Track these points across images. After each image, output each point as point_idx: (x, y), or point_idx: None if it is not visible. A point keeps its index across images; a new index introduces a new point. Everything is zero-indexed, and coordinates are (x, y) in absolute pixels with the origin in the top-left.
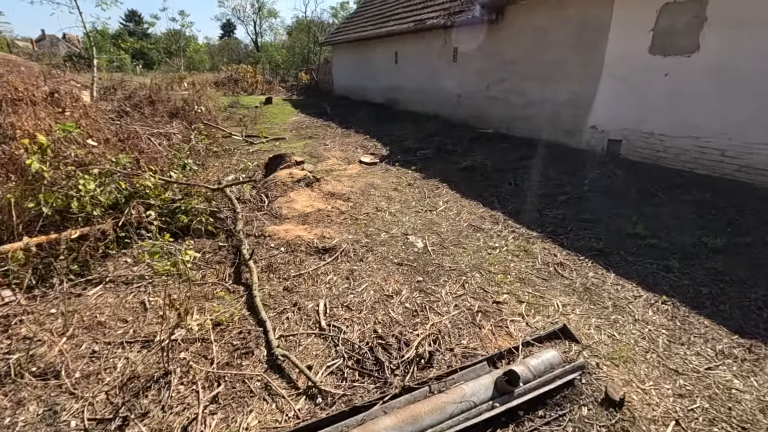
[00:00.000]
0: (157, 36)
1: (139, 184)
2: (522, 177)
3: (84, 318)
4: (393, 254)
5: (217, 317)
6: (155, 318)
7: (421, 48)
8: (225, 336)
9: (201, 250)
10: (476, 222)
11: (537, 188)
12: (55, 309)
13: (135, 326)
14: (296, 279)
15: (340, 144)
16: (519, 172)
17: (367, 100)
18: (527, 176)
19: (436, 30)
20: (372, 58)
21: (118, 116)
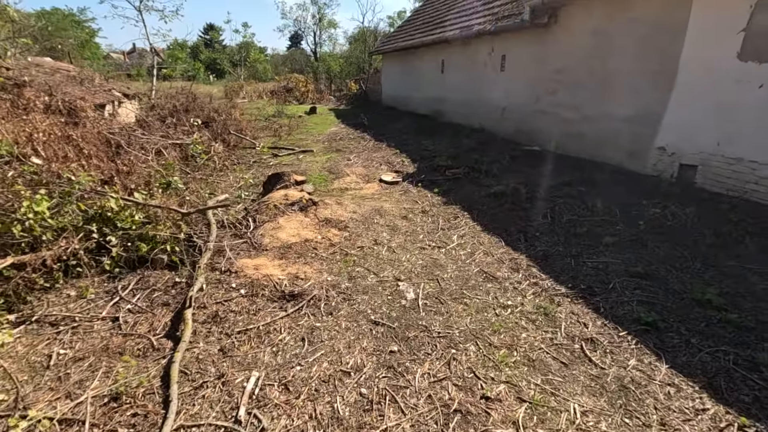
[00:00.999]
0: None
1: (98, 206)
2: (562, 208)
3: None
4: (373, 307)
5: (117, 388)
6: (49, 381)
7: (468, 56)
8: (114, 417)
9: (152, 286)
10: (491, 267)
11: (578, 224)
12: None
13: (19, 391)
14: (240, 336)
15: (366, 159)
16: (560, 201)
17: (412, 110)
18: (569, 207)
19: (483, 37)
20: (418, 67)
21: (139, 126)
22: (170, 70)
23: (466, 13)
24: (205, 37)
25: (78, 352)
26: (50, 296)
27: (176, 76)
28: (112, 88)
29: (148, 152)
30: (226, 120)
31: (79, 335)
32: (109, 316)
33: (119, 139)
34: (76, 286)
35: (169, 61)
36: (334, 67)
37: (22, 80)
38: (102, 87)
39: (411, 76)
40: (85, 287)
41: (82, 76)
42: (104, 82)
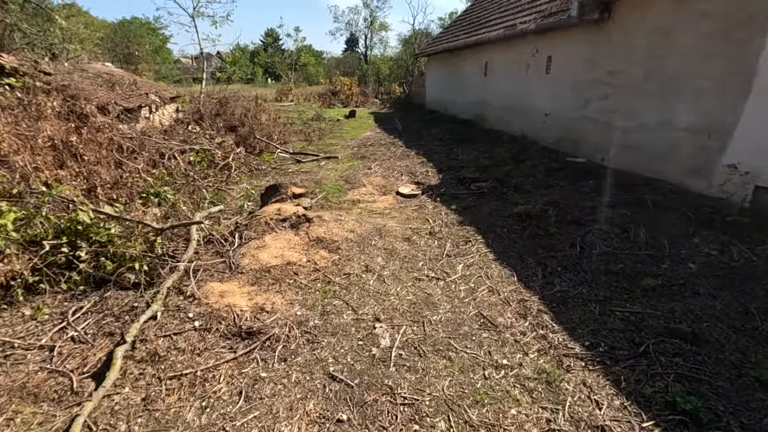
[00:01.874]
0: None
1: (67, 219)
2: (597, 237)
3: None
4: (337, 355)
5: None
6: None
7: (511, 58)
8: None
9: (108, 310)
10: (493, 310)
11: (613, 259)
12: None
13: None
14: (172, 383)
15: (388, 168)
16: (595, 227)
17: (454, 115)
18: (606, 236)
19: (527, 37)
20: (462, 69)
21: (163, 131)
22: (223, 74)
23: (511, 11)
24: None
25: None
26: (4, 315)
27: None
28: (149, 92)
29: (161, 158)
30: (252, 124)
31: (4, 367)
32: (48, 344)
33: (130, 145)
34: (34, 306)
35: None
36: (384, 70)
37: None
38: (138, 91)
39: (454, 79)
40: (37, 307)
41: (115, 80)
42: (138, 86)
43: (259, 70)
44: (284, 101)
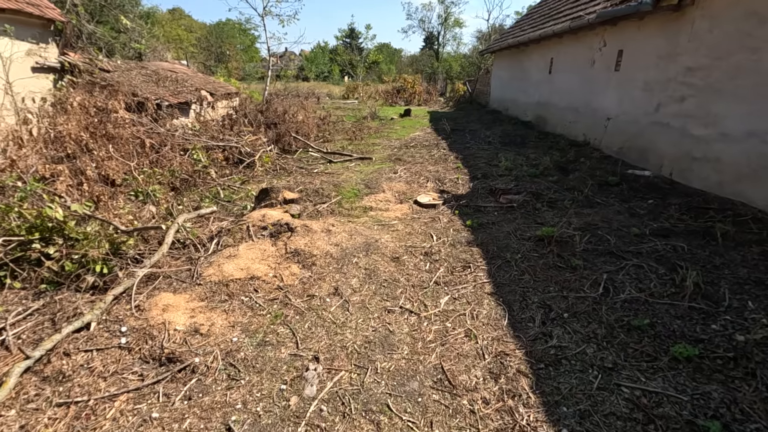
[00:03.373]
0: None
1: (34, 215)
2: (631, 276)
3: None
4: (248, 400)
5: None
6: None
7: (577, 53)
8: None
9: (55, 313)
10: (459, 362)
11: (643, 309)
12: None
13: None
14: (58, 411)
15: (415, 173)
16: (632, 263)
17: (515, 116)
18: (642, 277)
19: (596, 28)
20: (526, 67)
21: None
22: (291, 72)
23: (583, 1)
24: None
25: None
26: None
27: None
28: (201, 89)
29: (183, 153)
30: (289, 122)
31: None
32: None
33: (152, 141)
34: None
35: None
36: (455, 68)
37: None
38: (188, 87)
39: (518, 77)
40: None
41: (176, 76)
42: (192, 83)
43: (336, 67)
44: (350, 99)
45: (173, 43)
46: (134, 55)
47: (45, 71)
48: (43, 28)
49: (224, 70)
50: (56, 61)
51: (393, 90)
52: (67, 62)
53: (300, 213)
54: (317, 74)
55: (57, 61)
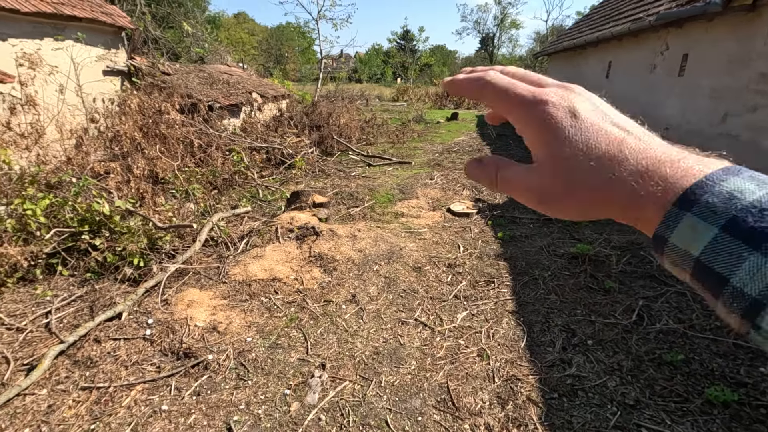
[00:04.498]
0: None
1: (84, 209)
2: (671, 304)
3: None
4: (252, 401)
5: None
6: None
7: (636, 56)
8: None
9: (93, 301)
10: (467, 383)
11: (679, 343)
12: None
13: None
14: (82, 394)
15: (452, 179)
16: (672, 291)
17: None
18: (685, 306)
19: (659, 30)
20: (582, 70)
21: (242, 129)
22: (343, 74)
23: (646, 1)
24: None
25: None
26: (23, 290)
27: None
28: (252, 91)
29: (228, 153)
30: (332, 125)
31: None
32: (26, 327)
33: (200, 142)
34: (38, 287)
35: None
36: None
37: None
38: (240, 89)
39: (574, 80)
40: (42, 290)
41: (231, 79)
42: (244, 86)
43: (388, 69)
44: (399, 101)
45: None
46: (197, 58)
47: (114, 74)
48: (114, 34)
49: (280, 72)
50: (124, 65)
51: (443, 93)
52: (133, 66)
53: (327, 217)
54: (370, 76)
55: (125, 65)
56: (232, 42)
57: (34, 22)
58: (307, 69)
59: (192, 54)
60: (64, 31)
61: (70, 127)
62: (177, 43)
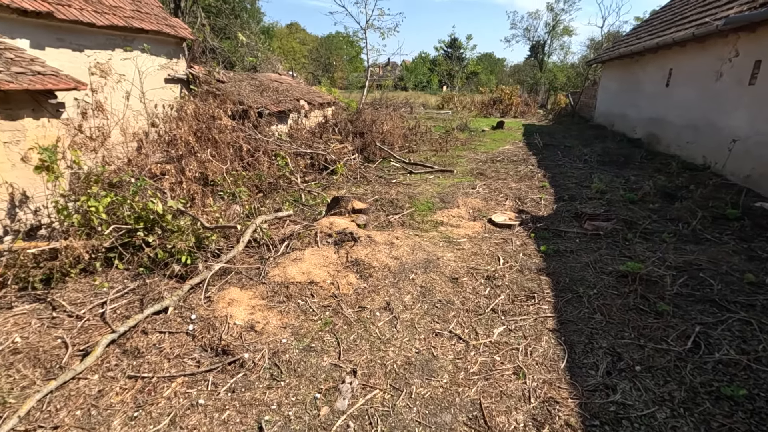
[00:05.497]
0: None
1: (141, 207)
2: (733, 333)
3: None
4: (283, 402)
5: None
6: None
7: (701, 63)
8: None
9: (144, 294)
10: (501, 402)
11: (742, 377)
12: None
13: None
14: (128, 382)
15: (495, 189)
16: (734, 318)
17: (622, 132)
18: (750, 335)
19: (726, 36)
20: (640, 78)
21: (288, 135)
22: (385, 82)
23: (714, 4)
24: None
25: (23, 345)
26: (84, 281)
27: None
28: (300, 98)
29: (275, 158)
30: (375, 132)
31: (42, 327)
32: (83, 316)
33: (248, 147)
34: (96, 278)
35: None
36: (560, 78)
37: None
38: (289, 96)
39: (629, 89)
40: (100, 282)
41: (280, 87)
42: (292, 93)
43: (434, 77)
44: (444, 109)
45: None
46: (250, 67)
47: (174, 82)
48: (176, 45)
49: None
50: (183, 74)
51: (489, 101)
52: (191, 74)
53: (366, 223)
54: (416, 84)
55: (184, 73)
56: (284, 51)
57: (108, 34)
58: (354, 77)
59: (246, 63)
60: (133, 42)
61: (132, 130)
62: (232, 53)
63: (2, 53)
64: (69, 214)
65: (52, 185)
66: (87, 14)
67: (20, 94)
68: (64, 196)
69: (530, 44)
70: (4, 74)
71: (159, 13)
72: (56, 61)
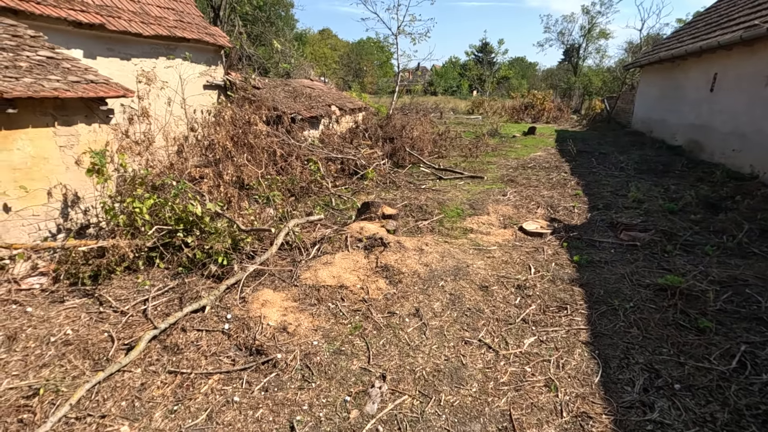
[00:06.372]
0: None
1: (180, 209)
2: None
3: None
4: (314, 404)
5: (39, 385)
6: None
7: (749, 68)
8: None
9: (183, 293)
10: (531, 414)
11: None
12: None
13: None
14: (168, 377)
15: (526, 197)
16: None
17: (661, 139)
18: None
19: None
20: (681, 83)
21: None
22: (415, 87)
23: (764, 5)
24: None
25: (74, 338)
26: (128, 278)
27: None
28: (332, 104)
29: (307, 163)
30: (404, 137)
31: (90, 321)
32: (127, 311)
33: (282, 152)
34: (140, 276)
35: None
36: (596, 83)
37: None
38: (321, 102)
39: (670, 94)
40: (143, 280)
41: (312, 93)
42: (324, 99)
43: (465, 82)
44: (474, 114)
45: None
46: (284, 73)
47: (212, 88)
48: (215, 53)
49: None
50: (221, 80)
51: (520, 106)
52: (229, 81)
53: (396, 229)
54: (445, 89)
55: (222, 80)
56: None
57: (153, 43)
58: (384, 82)
59: (279, 69)
60: (175, 51)
61: (174, 135)
62: (267, 59)
63: (60, 63)
64: (115, 215)
65: (101, 187)
66: (135, 25)
67: (75, 102)
68: (111, 197)
69: (564, 48)
70: (62, 83)
71: (199, 23)
72: (106, 70)
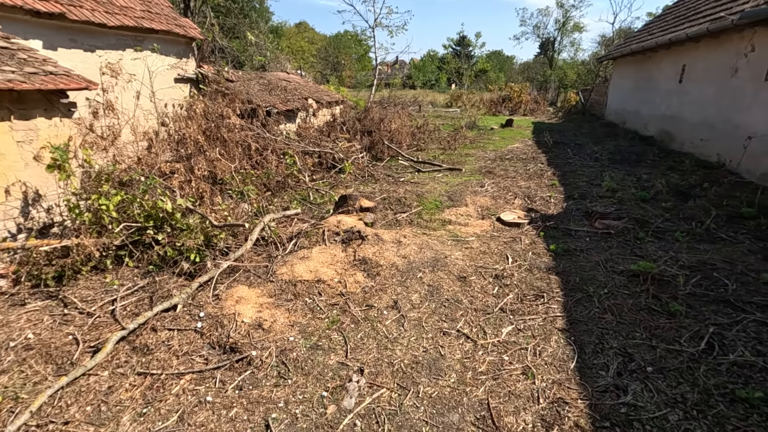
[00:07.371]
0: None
1: (151, 205)
2: (748, 334)
3: None
4: (290, 400)
5: None
6: None
7: (715, 59)
8: None
9: (153, 291)
10: (509, 402)
11: (758, 378)
12: None
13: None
14: (137, 379)
15: (504, 188)
16: (751, 320)
17: (634, 130)
18: (762, 336)
19: (741, 30)
20: (652, 75)
21: (297, 134)
22: (393, 80)
23: None
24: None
25: (36, 342)
26: (95, 278)
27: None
28: (308, 97)
29: (283, 156)
30: (382, 130)
31: (57, 324)
32: (94, 312)
33: (256, 146)
34: (107, 276)
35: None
36: (570, 76)
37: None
38: (297, 96)
39: (641, 86)
40: (111, 279)
41: (288, 86)
42: (300, 92)
43: (443, 75)
44: (452, 107)
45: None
46: (259, 66)
47: (184, 82)
48: (186, 45)
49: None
50: (193, 73)
51: (498, 99)
52: (201, 74)
53: (374, 221)
54: (424, 82)
55: (193, 73)
56: (293, 50)
57: (118, 35)
58: (362, 76)
59: (254, 62)
60: (143, 42)
61: (143, 130)
62: (241, 52)
63: (15, 54)
64: (80, 213)
65: (64, 184)
66: (98, 15)
67: (33, 94)
68: (75, 194)
69: (540, 41)
70: (18, 74)
71: (169, 14)
72: (69, 62)
